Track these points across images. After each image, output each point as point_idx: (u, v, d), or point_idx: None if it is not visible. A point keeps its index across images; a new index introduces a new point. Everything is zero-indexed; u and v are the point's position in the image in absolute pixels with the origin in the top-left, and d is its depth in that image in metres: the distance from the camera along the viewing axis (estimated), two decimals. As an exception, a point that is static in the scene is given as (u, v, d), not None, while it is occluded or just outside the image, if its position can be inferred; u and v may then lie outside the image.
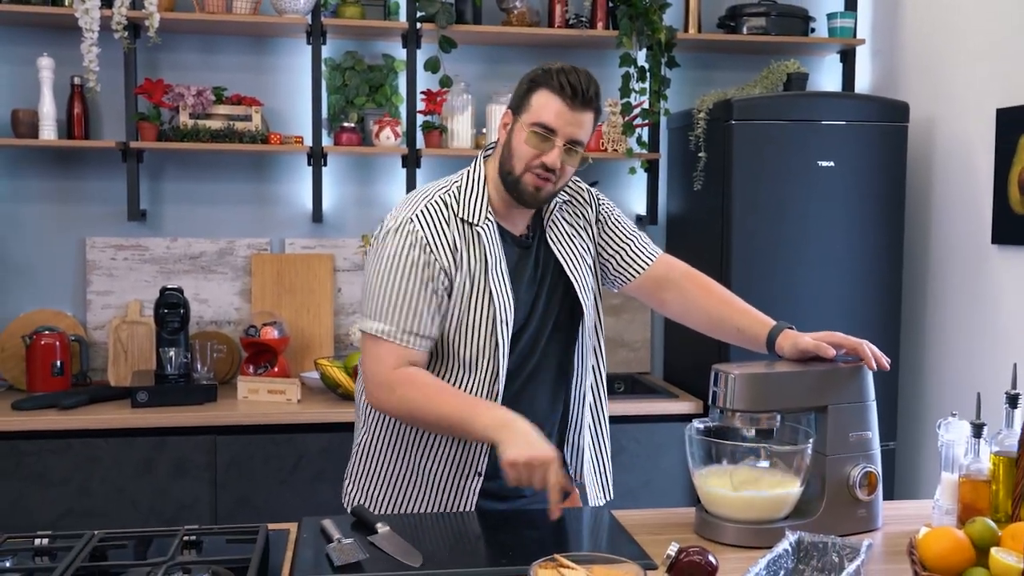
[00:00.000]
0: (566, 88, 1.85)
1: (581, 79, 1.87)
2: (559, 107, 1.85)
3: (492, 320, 1.90)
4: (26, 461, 2.96)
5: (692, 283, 2.10)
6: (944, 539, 1.43)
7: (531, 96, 1.88)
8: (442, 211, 1.91)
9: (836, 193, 3.35)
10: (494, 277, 1.90)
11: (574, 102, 1.85)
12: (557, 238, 2.02)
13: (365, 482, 2.05)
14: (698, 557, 1.51)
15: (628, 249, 2.10)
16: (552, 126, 1.85)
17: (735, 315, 2.04)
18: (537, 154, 1.86)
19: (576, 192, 2.12)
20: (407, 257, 1.87)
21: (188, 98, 3.37)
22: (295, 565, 1.59)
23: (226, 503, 3.07)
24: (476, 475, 1.96)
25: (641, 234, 2.15)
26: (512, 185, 1.90)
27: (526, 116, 1.88)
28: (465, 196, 1.94)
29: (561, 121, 1.85)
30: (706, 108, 3.42)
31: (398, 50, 3.65)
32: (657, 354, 3.95)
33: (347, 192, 3.71)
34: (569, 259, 2.02)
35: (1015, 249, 3.07)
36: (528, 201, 1.92)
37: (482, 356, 1.91)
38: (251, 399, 3.23)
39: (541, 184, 1.88)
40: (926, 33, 3.54)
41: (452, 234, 1.89)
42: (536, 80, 1.89)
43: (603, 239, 2.11)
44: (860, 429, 1.87)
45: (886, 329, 3.43)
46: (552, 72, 1.87)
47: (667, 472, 3.35)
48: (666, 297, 2.11)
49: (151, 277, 3.56)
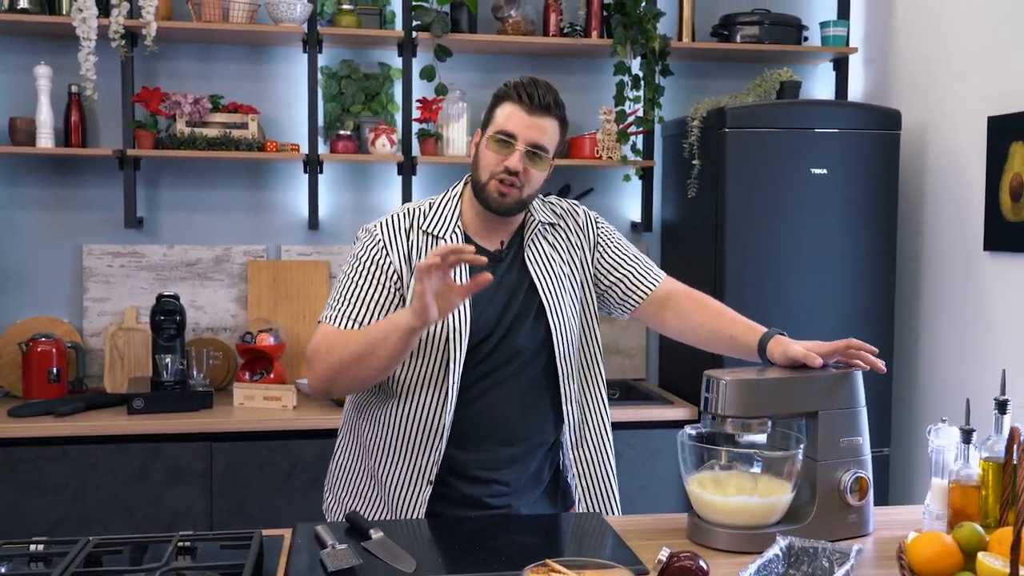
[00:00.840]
0: (523, 96, 1.93)
1: (539, 88, 1.94)
2: (519, 114, 1.93)
3: (445, 333, 1.94)
4: (22, 468, 2.97)
5: (690, 301, 2.12)
6: (932, 544, 1.45)
7: (494, 110, 1.98)
8: (404, 220, 2.02)
9: (829, 200, 3.37)
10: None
11: (532, 108, 1.93)
12: (534, 256, 2.04)
13: (338, 489, 2.15)
14: (688, 562, 1.53)
15: (630, 277, 2.11)
16: (512, 131, 1.93)
17: (728, 325, 2.06)
18: (500, 159, 1.93)
19: (569, 214, 2.13)
20: (362, 257, 1.99)
21: (185, 106, 3.39)
22: (289, 571, 1.60)
23: (221, 510, 3.07)
24: (427, 484, 1.98)
25: (643, 258, 2.16)
26: (480, 193, 1.97)
27: (490, 129, 1.96)
28: (436, 209, 2.03)
29: (520, 126, 1.92)
30: (700, 116, 3.44)
31: (394, 58, 3.67)
32: (652, 360, 3.97)
33: (343, 199, 3.72)
34: (544, 279, 2.03)
35: (1007, 256, 3.08)
36: (495, 207, 1.97)
37: (434, 366, 1.95)
38: (247, 406, 3.24)
39: (506, 190, 1.94)
40: (918, 41, 3.56)
41: (410, 241, 1.99)
42: (498, 95, 1.98)
43: (602, 268, 2.12)
44: (851, 435, 1.88)
45: (880, 336, 3.45)
46: (510, 86, 1.96)
47: (662, 478, 3.36)
48: (666, 316, 2.13)
49: (148, 284, 3.57)
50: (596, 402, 2.13)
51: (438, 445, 1.97)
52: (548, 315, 2.02)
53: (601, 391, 2.14)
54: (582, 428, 2.11)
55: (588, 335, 2.11)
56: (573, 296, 2.08)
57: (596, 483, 2.14)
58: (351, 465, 2.11)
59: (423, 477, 1.98)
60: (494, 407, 2.01)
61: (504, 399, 2.01)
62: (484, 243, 2.02)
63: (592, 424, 2.13)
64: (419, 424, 1.97)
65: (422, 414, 1.97)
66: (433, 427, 1.96)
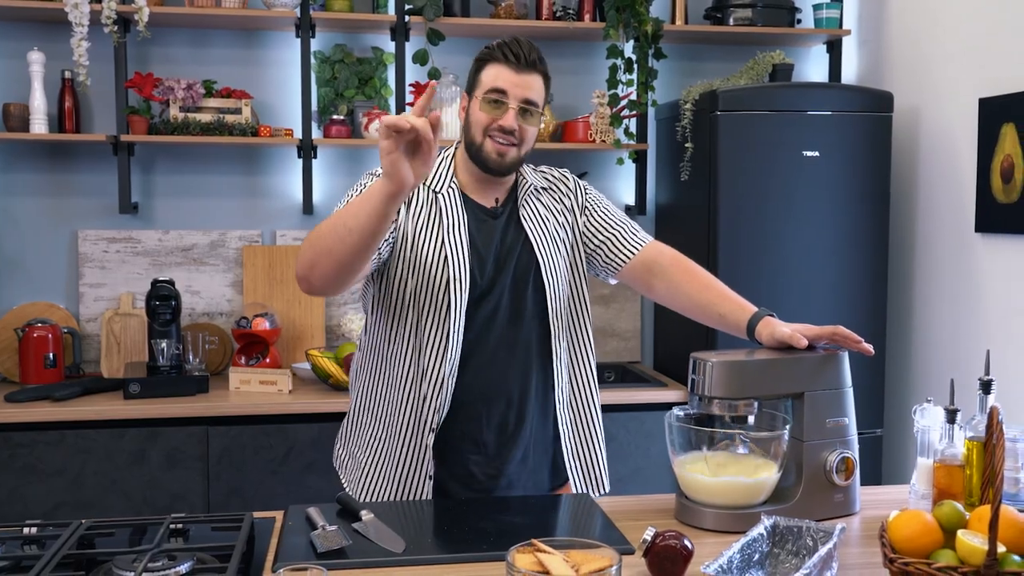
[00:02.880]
0: (509, 56, 1.96)
1: (523, 46, 1.97)
2: (506, 73, 1.96)
3: (446, 278, 1.96)
4: (19, 453, 2.99)
5: (678, 269, 2.12)
6: (913, 522, 1.46)
7: (480, 73, 2.00)
8: None
9: (821, 182, 3.38)
10: (450, 236, 1.98)
11: (519, 65, 1.95)
12: (529, 216, 2.07)
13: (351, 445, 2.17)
14: (673, 541, 1.54)
15: (616, 238, 2.13)
16: (503, 88, 1.95)
17: (718, 301, 2.07)
18: (493, 119, 1.96)
19: (560, 180, 2.16)
20: (364, 183, 2.00)
21: (178, 91, 3.39)
22: (280, 552, 1.62)
23: (218, 493, 3.10)
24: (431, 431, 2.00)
25: (629, 222, 2.17)
26: (476, 155, 2.00)
27: (479, 91, 1.99)
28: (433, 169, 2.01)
29: (510, 83, 1.95)
30: (692, 99, 3.45)
31: (387, 43, 3.67)
32: (647, 343, 3.99)
33: (337, 184, 3.73)
34: (538, 237, 2.06)
35: (998, 237, 3.10)
36: (493, 167, 2.00)
37: (436, 314, 1.97)
38: (243, 390, 3.26)
39: (504, 149, 1.97)
40: (911, 23, 3.56)
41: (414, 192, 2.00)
42: (481, 58, 2.01)
43: (589, 229, 2.14)
44: (837, 415, 1.90)
45: (872, 317, 3.47)
46: (494, 47, 1.99)
47: (656, 460, 3.38)
48: (654, 283, 2.13)
49: (143, 269, 3.58)
50: (585, 368, 2.15)
51: (441, 398, 1.99)
52: (543, 272, 2.05)
53: (589, 357, 2.15)
54: (572, 393, 2.13)
55: (577, 298, 2.13)
56: (566, 257, 2.11)
57: (585, 452, 2.16)
58: (364, 419, 2.13)
59: (427, 425, 2.00)
60: (497, 371, 2.03)
61: (506, 362, 2.04)
62: (480, 200, 2.05)
63: (582, 391, 2.15)
64: (421, 380, 1.99)
65: (426, 364, 1.99)
66: (436, 376, 1.98)
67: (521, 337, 2.05)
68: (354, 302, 3.72)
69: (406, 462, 2.04)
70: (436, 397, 1.99)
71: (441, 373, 1.98)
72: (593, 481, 2.18)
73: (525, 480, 2.11)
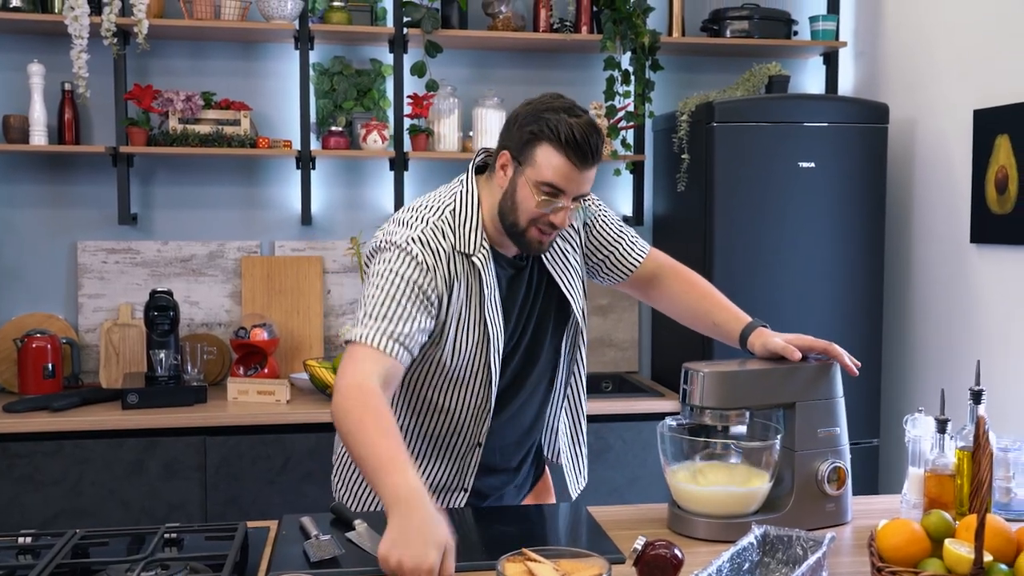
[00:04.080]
0: (574, 155, 1.77)
1: (590, 138, 1.77)
2: (567, 168, 1.78)
3: (485, 346, 1.89)
4: (18, 463, 3.00)
5: (677, 278, 2.13)
6: (901, 531, 1.47)
7: (534, 150, 1.79)
8: (440, 241, 1.84)
9: (817, 194, 3.40)
10: (489, 307, 1.88)
11: (583, 161, 1.78)
12: (553, 257, 1.99)
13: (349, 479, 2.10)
14: (663, 550, 1.55)
15: (618, 251, 2.08)
16: (561, 187, 1.79)
17: (713, 310, 2.08)
18: (543, 212, 1.81)
19: None
20: (404, 274, 1.79)
21: (177, 103, 3.41)
22: (273, 561, 1.63)
23: (216, 503, 3.10)
24: (462, 491, 2.00)
25: (629, 232, 2.12)
26: (516, 236, 1.85)
27: (531, 172, 1.79)
28: (460, 225, 1.87)
29: (569, 182, 1.79)
30: (688, 111, 3.47)
31: (385, 55, 3.69)
32: (645, 354, 3.99)
33: (336, 195, 3.75)
34: (565, 278, 2.00)
35: (993, 248, 3.11)
36: (532, 251, 1.89)
37: (475, 377, 1.92)
38: (241, 400, 3.27)
39: (544, 239, 1.85)
40: (906, 36, 3.58)
41: (449, 263, 1.83)
42: (538, 133, 1.78)
43: (592, 242, 2.09)
44: (828, 425, 1.91)
45: (868, 328, 3.48)
46: (555, 126, 1.77)
47: (653, 469, 3.38)
48: (652, 292, 2.14)
49: (142, 280, 3.60)
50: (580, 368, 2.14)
51: (474, 455, 1.98)
52: (573, 308, 2.00)
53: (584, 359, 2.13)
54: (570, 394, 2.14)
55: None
56: (581, 282, 2.06)
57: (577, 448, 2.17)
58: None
59: (459, 484, 2.00)
60: (523, 407, 2.03)
61: (532, 397, 2.04)
62: (504, 250, 1.93)
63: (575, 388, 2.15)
64: (458, 435, 1.98)
65: (457, 431, 1.97)
66: (471, 437, 1.97)
67: (546, 364, 2.04)
68: (353, 313, 3.73)
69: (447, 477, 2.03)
70: (469, 458, 1.98)
71: (476, 435, 1.97)
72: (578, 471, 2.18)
73: (521, 484, 2.14)
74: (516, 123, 1.83)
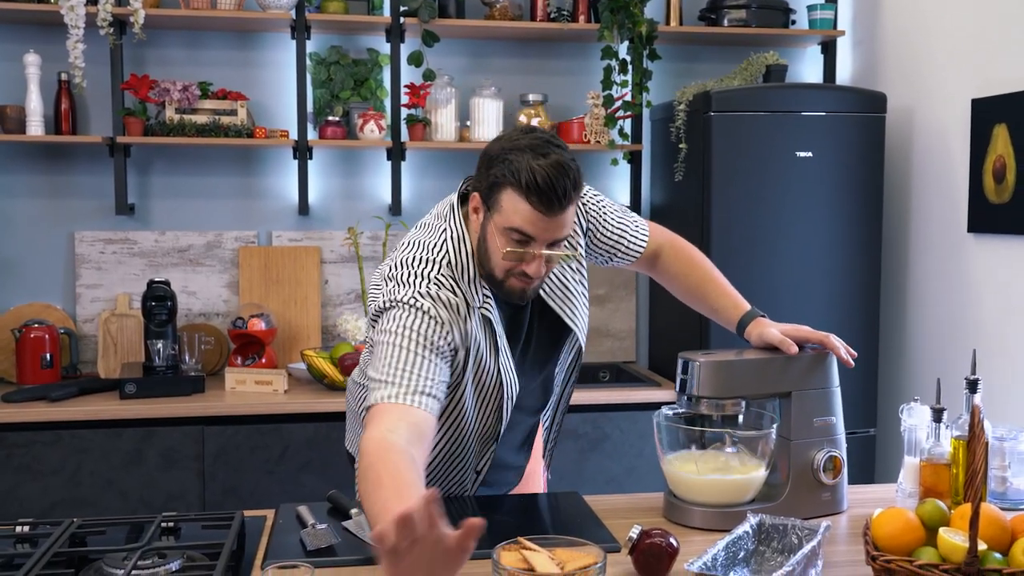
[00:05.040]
0: (534, 193, 1.63)
1: (551, 178, 1.63)
2: (532, 215, 1.66)
3: (499, 395, 1.86)
4: (16, 452, 3.00)
5: (677, 258, 2.12)
6: (895, 520, 1.48)
7: (500, 195, 1.69)
8: (450, 296, 1.74)
9: (814, 183, 3.39)
10: (504, 358, 1.84)
11: (549, 208, 1.65)
12: (551, 290, 1.91)
13: None
14: (659, 539, 1.56)
15: (623, 243, 2.05)
16: (529, 233, 1.68)
17: (713, 295, 2.08)
18: (515, 263, 1.72)
19: None
20: (417, 328, 1.68)
21: (174, 93, 3.41)
22: (269, 550, 1.64)
23: (214, 493, 3.11)
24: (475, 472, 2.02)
25: (628, 218, 2.07)
26: (497, 286, 1.77)
27: (499, 218, 1.69)
28: (460, 278, 1.77)
29: (537, 229, 1.67)
30: (686, 100, 3.46)
31: (382, 44, 3.69)
32: (642, 343, 4.00)
33: (333, 185, 3.74)
34: (568, 308, 1.93)
35: (990, 237, 3.11)
36: (517, 301, 1.80)
37: (486, 420, 1.92)
38: (238, 390, 3.28)
39: (526, 286, 1.76)
40: (905, 24, 3.57)
41: (464, 319, 1.76)
42: (501, 179, 1.67)
43: (594, 242, 2.03)
44: (824, 415, 1.92)
45: (865, 317, 3.48)
46: (516, 169, 1.65)
47: (650, 459, 3.39)
48: (655, 270, 2.15)
49: (140, 270, 3.60)
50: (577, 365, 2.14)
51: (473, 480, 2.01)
52: (576, 332, 1.96)
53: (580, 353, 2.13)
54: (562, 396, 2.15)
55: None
56: (584, 290, 2.00)
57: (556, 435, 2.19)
58: None
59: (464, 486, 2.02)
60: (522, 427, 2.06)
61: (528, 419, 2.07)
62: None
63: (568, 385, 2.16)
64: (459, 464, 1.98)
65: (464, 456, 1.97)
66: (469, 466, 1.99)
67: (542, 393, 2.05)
68: (350, 303, 3.74)
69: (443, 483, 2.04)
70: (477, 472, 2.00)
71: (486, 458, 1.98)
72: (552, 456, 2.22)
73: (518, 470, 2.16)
74: (484, 163, 1.73)
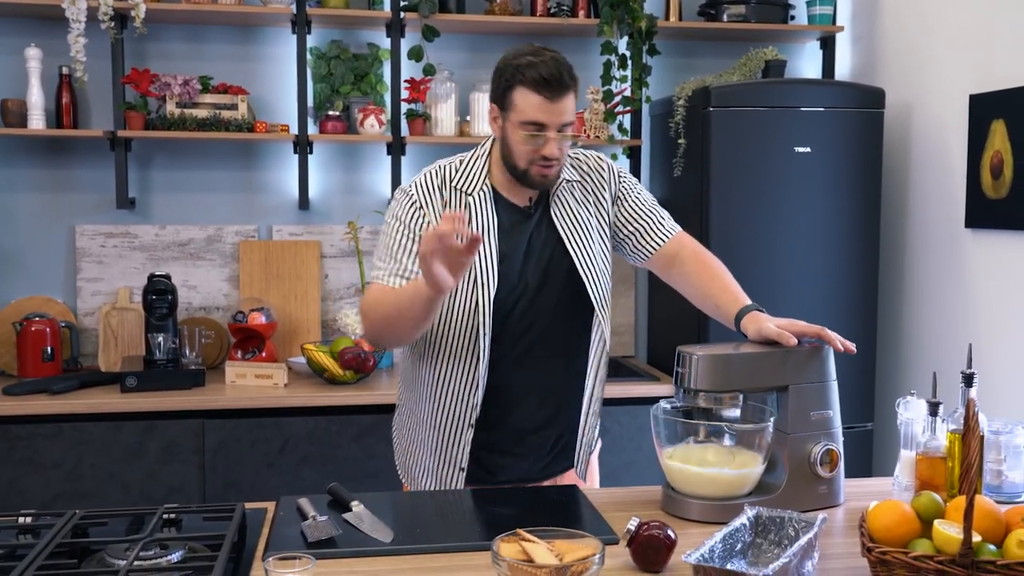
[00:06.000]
0: (543, 88, 1.92)
1: (553, 70, 1.93)
2: (541, 103, 1.93)
3: (473, 278, 1.98)
4: (18, 445, 3.02)
5: (695, 261, 2.15)
6: (891, 512, 1.49)
7: (511, 95, 1.97)
8: (435, 178, 2.05)
9: (813, 178, 3.41)
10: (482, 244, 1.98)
11: (553, 95, 1.93)
12: (561, 213, 2.08)
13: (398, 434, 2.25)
14: (657, 531, 1.57)
15: (645, 229, 2.15)
16: (541, 121, 1.94)
17: (717, 292, 2.10)
18: (534, 149, 1.96)
19: (594, 170, 2.17)
20: (402, 217, 2.03)
21: (175, 87, 3.41)
22: (270, 541, 1.65)
23: (214, 486, 3.12)
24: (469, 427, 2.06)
25: (659, 211, 2.19)
26: (521, 178, 2.01)
27: (513, 115, 1.96)
28: (465, 167, 2.07)
29: (547, 115, 1.94)
30: (685, 95, 3.47)
31: (382, 39, 3.69)
32: (641, 338, 4.01)
33: (333, 179, 3.75)
34: (572, 234, 2.08)
35: (988, 232, 3.12)
36: (540, 187, 2.03)
37: (466, 314, 2.00)
38: (239, 384, 3.29)
39: (547, 172, 1.99)
40: (903, 20, 3.58)
41: (443, 197, 2.03)
42: (510, 79, 1.96)
43: (620, 218, 2.16)
44: (821, 408, 1.92)
45: (863, 311, 3.49)
46: (524, 69, 1.94)
47: (649, 453, 3.40)
48: (672, 274, 2.17)
49: (140, 264, 3.61)
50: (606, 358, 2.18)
51: (475, 397, 2.04)
52: (580, 269, 2.06)
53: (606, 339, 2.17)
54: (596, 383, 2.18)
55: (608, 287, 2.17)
56: (600, 248, 2.12)
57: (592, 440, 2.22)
58: (406, 409, 2.20)
59: (465, 422, 2.06)
60: (535, 364, 2.08)
61: (543, 355, 2.09)
62: (514, 199, 2.07)
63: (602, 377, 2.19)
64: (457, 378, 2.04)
65: (459, 367, 2.03)
66: (470, 380, 2.03)
67: (558, 331, 2.09)
68: (350, 297, 3.75)
69: (443, 455, 2.09)
70: (471, 395, 2.04)
71: (475, 373, 2.02)
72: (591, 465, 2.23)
73: (554, 466, 2.18)
74: (496, 76, 2.01)
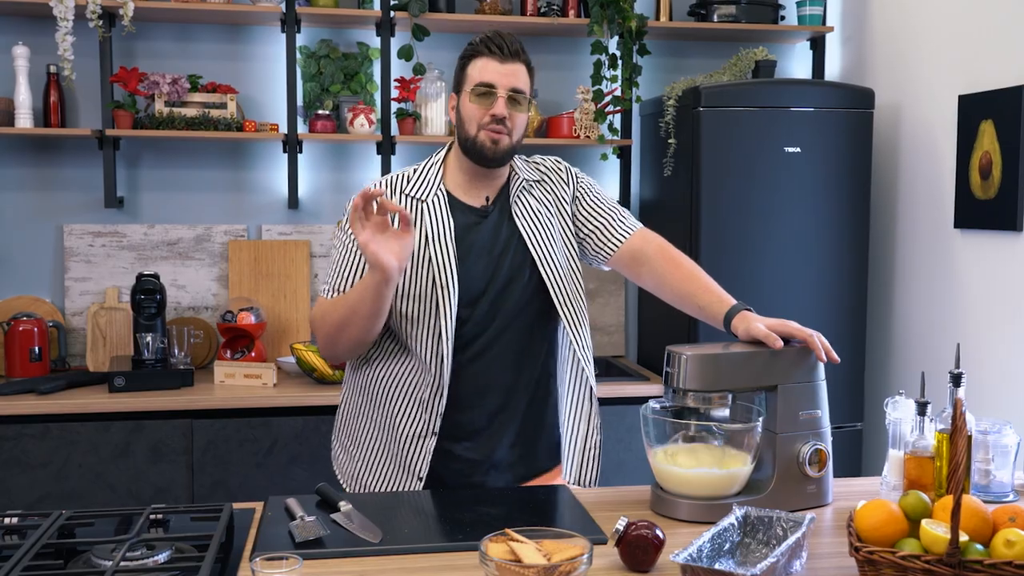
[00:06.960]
0: (493, 48, 2.02)
1: (504, 38, 2.04)
2: (492, 64, 2.01)
3: (431, 282, 2.00)
4: (5, 445, 3.00)
5: (664, 258, 2.14)
6: (878, 512, 1.49)
7: (466, 69, 2.06)
8: (386, 188, 2.09)
9: (803, 178, 3.41)
10: (436, 245, 2.01)
11: (504, 56, 2.02)
12: (521, 212, 2.10)
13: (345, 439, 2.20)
14: (645, 531, 1.57)
15: (605, 226, 2.16)
16: (491, 81, 2.01)
17: (698, 292, 2.09)
18: (484, 110, 2.01)
19: (552, 170, 2.19)
20: (348, 229, 2.05)
21: (163, 86, 3.40)
22: (258, 542, 1.64)
23: (202, 486, 3.11)
24: (432, 435, 2.04)
25: (619, 209, 2.20)
26: (471, 148, 2.04)
27: (467, 86, 2.04)
28: (419, 175, 2.10)
29: (497, 75, 2.01)
30: (675, 95, 3.47)
31: (372, 38, 3.69)
32: (631, 338, 4.01)
33: (322, 179, 3.75)
34: (532, 232, 2.09)
35: (976, 233, 3.13)
36: (489, 155, 2.03)
37: (427, 319, 2.00)
38: (227, 383, 3.28)
39: (497, 137, 2.02)
40: (893, 21, 3.59)
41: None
42: (466, 55, 2.06)
43: (580, 217, 2.17)
44: (810, 408, 1.92)
45: (852, 312, 3.50)
46: (477, 42, 2.05)
47: (638, 454, 3.40)
48: (641, 271, 2.16)
49: (129, 264, 3.59)
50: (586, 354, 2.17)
51: (438, 404, 2.03)
52: (540, 267, 2.07)
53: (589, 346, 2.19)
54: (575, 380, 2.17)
55: (577, 287, 2.16)
56: (562, 247, 2.13)
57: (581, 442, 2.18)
58: (358, 415, 2.17)
59: (427, 429, 2.05)
60: (491, 364, 2.07)
61: (501, 355, 2.08)
62: (470, 201, 2.08)
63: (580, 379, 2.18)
64: (418, 383, 2.04)
65: (421, 373, 2.03)
66: (433, 385, 2.02)
67: (521, 330, 2.09)
68: (339, 296, 3.74)
69: (403, 462, 2.07)
70: (434, 402, 2.03)
71: (439, 378, 2.01)
72: (584, 472, 2.19)
73: (516, 464, 2.15)
74: (455, 70, 2.09)
